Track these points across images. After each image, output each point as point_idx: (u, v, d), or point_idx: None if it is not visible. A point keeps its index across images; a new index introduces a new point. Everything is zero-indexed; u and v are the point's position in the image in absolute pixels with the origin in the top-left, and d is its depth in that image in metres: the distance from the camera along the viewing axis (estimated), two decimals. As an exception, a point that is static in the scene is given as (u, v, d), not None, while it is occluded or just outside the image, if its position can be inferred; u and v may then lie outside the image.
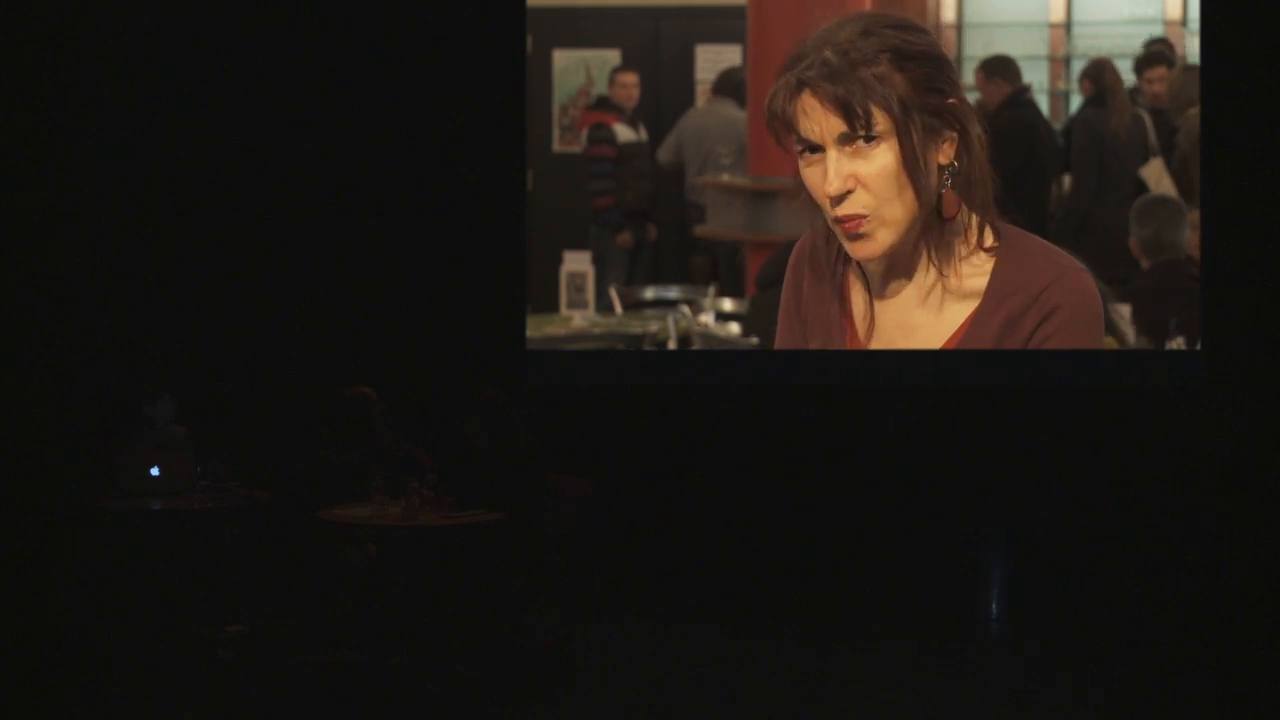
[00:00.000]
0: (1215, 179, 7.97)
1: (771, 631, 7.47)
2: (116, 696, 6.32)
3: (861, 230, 4.36)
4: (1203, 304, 7.99)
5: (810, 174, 4.38)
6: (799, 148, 4.40)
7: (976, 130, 4.42)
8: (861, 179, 4.33)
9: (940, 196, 4.40)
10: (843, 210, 4.36)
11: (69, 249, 7.97)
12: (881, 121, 4.30)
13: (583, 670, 6.77)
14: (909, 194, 4.35)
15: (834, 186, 4.32)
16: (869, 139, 4.31)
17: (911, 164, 4.32)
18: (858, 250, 4.41)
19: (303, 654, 6.65)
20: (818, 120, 4.32)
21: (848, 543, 8.05)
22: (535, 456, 6.96)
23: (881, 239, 4.38)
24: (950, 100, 4.36)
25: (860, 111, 4.29)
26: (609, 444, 8.04)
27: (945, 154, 4.38)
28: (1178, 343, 8.23)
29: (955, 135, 4.38)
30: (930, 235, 4.43)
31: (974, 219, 4.45)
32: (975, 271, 4.47)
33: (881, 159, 4.32)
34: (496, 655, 6.62)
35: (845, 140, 4.31)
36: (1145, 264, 8.51)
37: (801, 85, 4.33)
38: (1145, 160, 9.54)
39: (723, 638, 7.38)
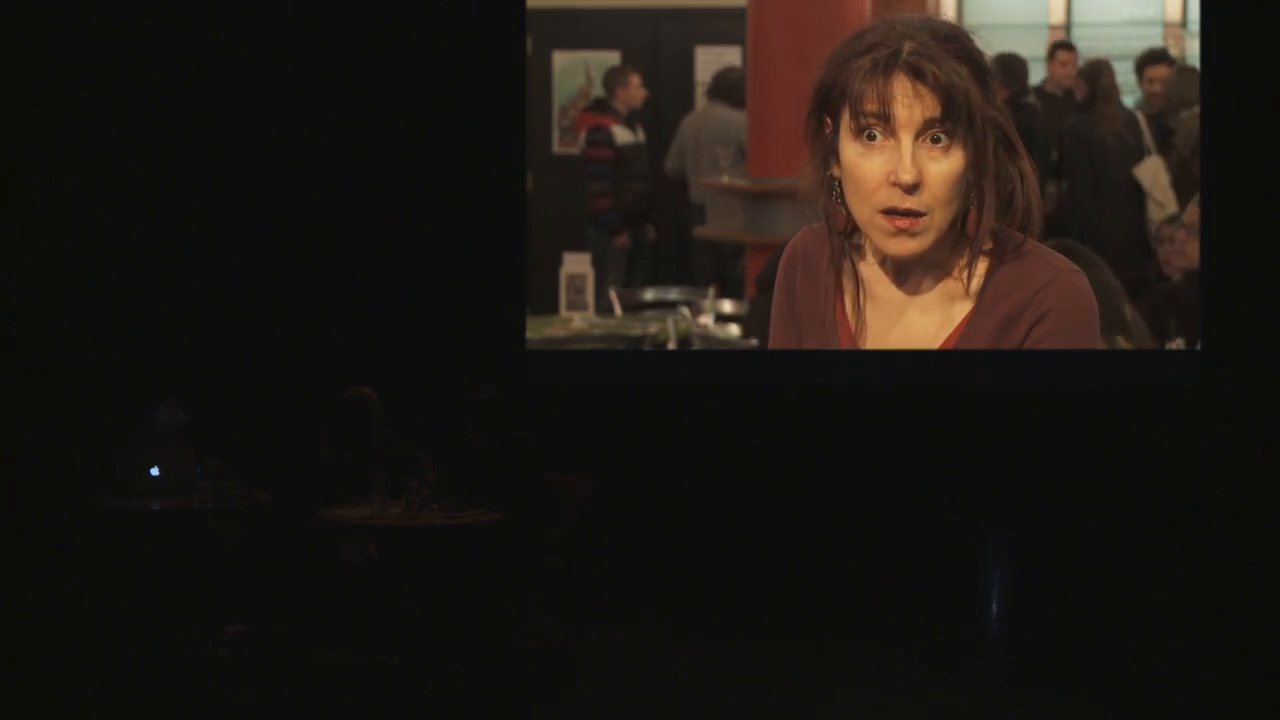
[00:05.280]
0: (1215, 179, 7.98)
1: (771, 631, 7.46)
2: (117, 696, 6.31)
3: (915, 228, 4.32)
4: (1203, 304, 7.99)
5: (864, 162, 4.30)
6: (857, 132, 4.32)
7: (1024, 150, 4.39)
8: (928, 177, 4.28)
9: (968, 213, 4.38)
10: (905, 204, 4.30)
11: (70, 250, 7.97)
12: (964, 123, 4.26)
13: (583, 670, 6.77)
14: (959, 202, 4.32)
15: (910, 174, 4.24)
16: (938, 139, 4.26)
17: (979, 173, 4.27)
18: (896, 246, 4.36)
19: (303, 654, 6.65)
20: (907, 103, 4.23)
21: (848, 543, 8.05)
22: (535, 456, 6.95)
23: (922, 241, 4.34)
24: (1001, 115, 4.34)
25: (961, 101, 4.22)
26: (609, 444, 8.05)
27: (998, 169, 4.35)
28: (1178, 343, 8.24)
29: (1006, 153, 4.35)
30: (947, 241, 4.41)
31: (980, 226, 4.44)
32: (970, 274, 4.46)
33: (951, 161, 4.27)
34: (496, 655, 6.62)
35: (926, 128, 4.24)
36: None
37: (895, 65, 4.23)
38: (1139, 161, 9.54)
39: (722, 637, 7.37)
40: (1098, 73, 9.82)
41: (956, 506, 7.99)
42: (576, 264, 10.08)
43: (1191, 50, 9.56)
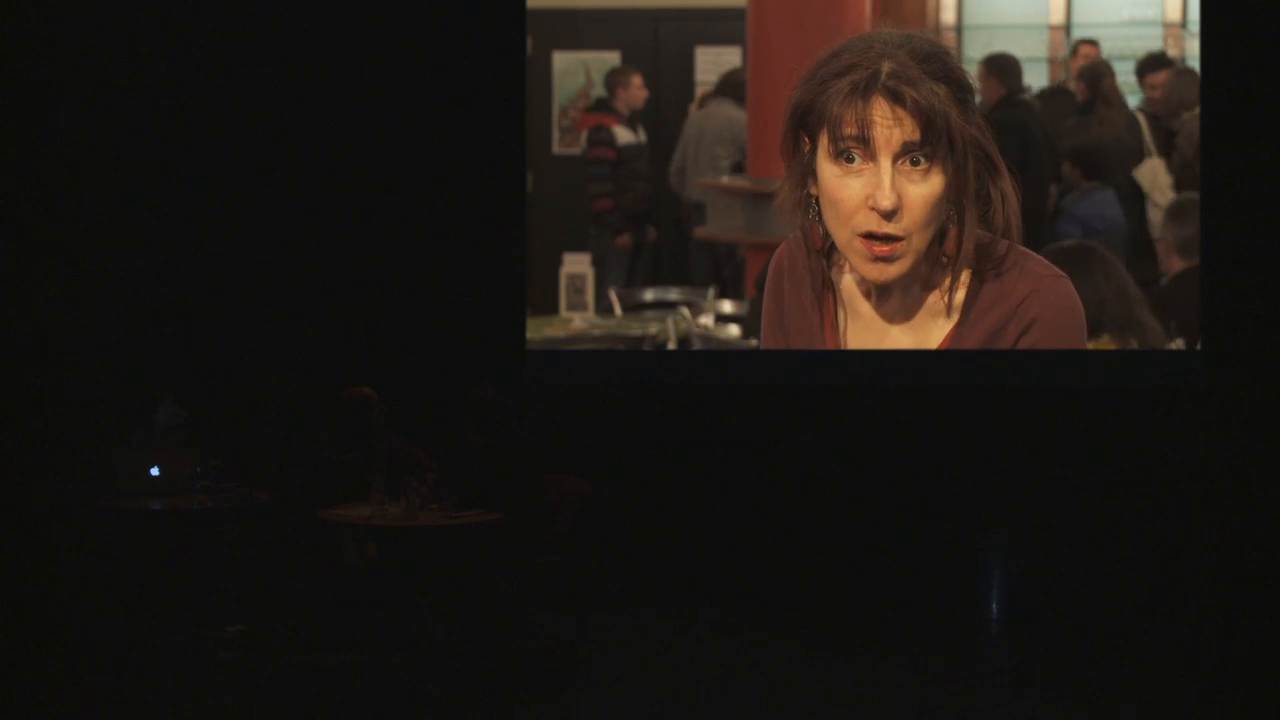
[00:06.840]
0: (1215, 179, 7.98)
1: (770, 631, 7.46)
2: (117, 696, 6.31)
3: (894, 254, 4.28)
4: (1202, 304, 7.99)
5: (843, 184, 4.25)
6: (835, 154, 4.27)
7: (1004, 169, 4.35)
8: (907, 200, 4.23)
9: (947, 231, 4.35)
10: (884, 229, 4.25)
11: (70, 249, 7.97)
12: (943, 146, 4.22)
13: (583, 670, 6.77)
14: (936, 225, 4.28)
15: (890, 200, 4.20)
16: (917, 161, 4.21)
17: (959, 194, 4.23)
18: (874, 273, 4.32)
19: (303, 654, 6.65)
20: (886, 127, 4.17)
21: (848, 543, 8.05)
22: (534, 456, 6.95)
23: (900, 266, 4.31)
24: (982, 134, 4.30)
25: (940, 125, 4.17)
26: (609, 444, 8.05)
27: (978, 189, 4.32)
28: (1178, 343, 8.23)
29: (987, 173, 4.31)
30: (926, 261, 4.39)
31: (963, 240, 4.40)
32: (953, 293, 4.43)
33: (931, 184, 4.22)
34: (496, 655, 6.62)
35: (904, 153, 4.20)
36: (1179, 264, 8.45)
37: (873, 88, 4.18)
38: (1139, 163, 9.53)
39: (722, 637, 7.38)
40: (1098, 75, 9.80)
41: (958, 507, 7.99)
42: (576, 264, 10.08)
43: (1191, 50, 9.56)
